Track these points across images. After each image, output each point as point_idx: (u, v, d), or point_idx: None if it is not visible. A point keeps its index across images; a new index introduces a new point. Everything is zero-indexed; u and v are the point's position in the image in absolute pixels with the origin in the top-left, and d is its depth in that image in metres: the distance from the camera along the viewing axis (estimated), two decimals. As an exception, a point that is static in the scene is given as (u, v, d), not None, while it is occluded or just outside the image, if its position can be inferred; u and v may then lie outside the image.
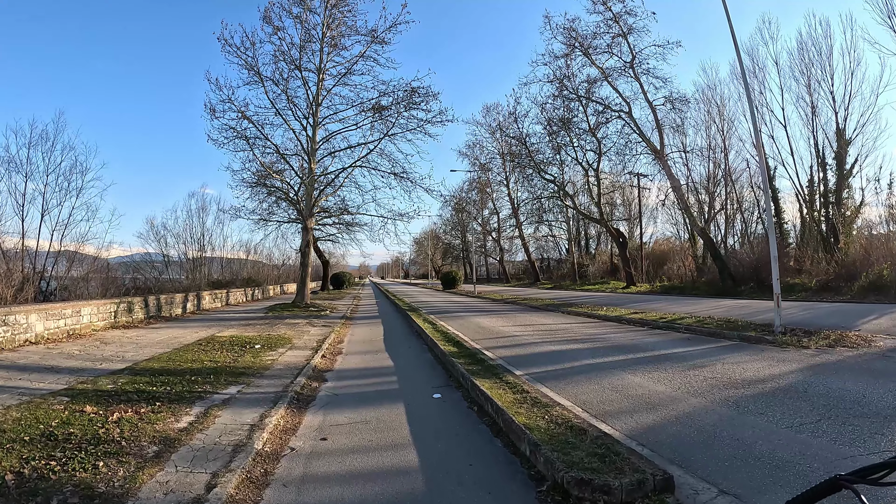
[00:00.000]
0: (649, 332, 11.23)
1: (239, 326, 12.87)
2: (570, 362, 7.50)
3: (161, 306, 16.12)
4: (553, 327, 12.35)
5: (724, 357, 7.76)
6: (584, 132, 35.24)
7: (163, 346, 9.49)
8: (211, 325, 13.45)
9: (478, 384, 5.34)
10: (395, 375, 6.97)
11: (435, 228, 77.67)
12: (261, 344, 9.34)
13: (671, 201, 44.07)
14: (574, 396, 5.40)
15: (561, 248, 61.26)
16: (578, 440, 3.51)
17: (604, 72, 30.86)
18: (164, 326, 13.30)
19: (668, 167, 28.61)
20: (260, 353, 8.35)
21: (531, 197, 45.44)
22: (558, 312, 17.12)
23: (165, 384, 6.04)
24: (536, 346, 9.16)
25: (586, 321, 13.77)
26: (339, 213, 21.02)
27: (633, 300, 21.65)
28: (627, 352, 8.38)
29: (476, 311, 18.13)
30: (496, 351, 8.59)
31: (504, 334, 11.12)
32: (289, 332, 11.56)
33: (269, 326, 12.77)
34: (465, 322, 14.12)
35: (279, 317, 15.44)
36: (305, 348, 8.93)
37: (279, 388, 5.73)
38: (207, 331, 11.92)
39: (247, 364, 7.29)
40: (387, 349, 9.44)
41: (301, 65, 18.61)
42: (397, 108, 18.08)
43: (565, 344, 9.42)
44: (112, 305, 13.47)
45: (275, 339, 10.12)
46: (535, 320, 14.24)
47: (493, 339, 10.22)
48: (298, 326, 12.85)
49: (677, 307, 17.33)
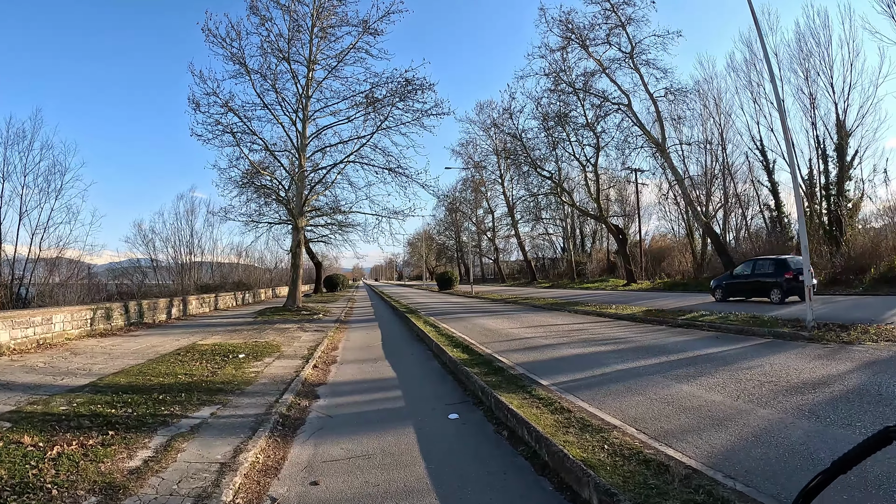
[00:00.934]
0: (670, 330, 10.37)
1: (225, 333, 11.83)
2: (599, 368, 6.58)
3: (143, 312, 15.02)
4: (565, 328, 11.45)
5: (767, 357, 6.93)
6: (582, 127, 34.47)
7: (137, 356, 8.46)
8: (195, 331, 12.40)
9: (504, 401, 4.37)
10: (398, 389, 5.96)
11: (428, 229, 76.72)
12: (245, 353, 8.33)
13: (671, 196, 43.50)
14: (620, 412, 4.47)
15: (556, 247, 60.59)
16: (663, 482, 2.59)
17: (601, 64, 30.09)
18: (145, 334, 12.24)
19: (671, 160, 27.91)
20: (243, 363, 7.36)
21: (527, 194, 44.61)
22: (565, 312, 16.24)
23: (127, 405, 5.06)
24: (554, 350, 8.23)
25: (598, 320, 12.89)
26: (331, 212, 19.98)
27: (638, 298, 20.85)
28: (657, 354, 7.49)
29: (478, 312, 17.19)
30: (511, 356, 7.65)
31: (514, 337, 10.19)
32: (278, 338, 10.54)
33: (256, 332, 11.74)
34: (469, 324, 13.17)
35: (268, 322, 14.39)
36: (295, 357, 7.94)
37: (261, 410, 4.74)
38: (190, 338, 10.89)
39: (226, 378, 6.29)
40: (387, 356, 8.45)
41: (290, 57, 17.61)
42: (391, 99, 17.14)
43: (585, 346, 8.50)
44: (88, 312, 12.38)
45: (262, 346, 9.10)
46: (544, 321, 13.33)
47: (505, 343, 9.28)
48: (289, 332, 11.84)
49: (687, 303, 16.53)
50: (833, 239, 25.20)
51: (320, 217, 20.69)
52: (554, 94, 33.64)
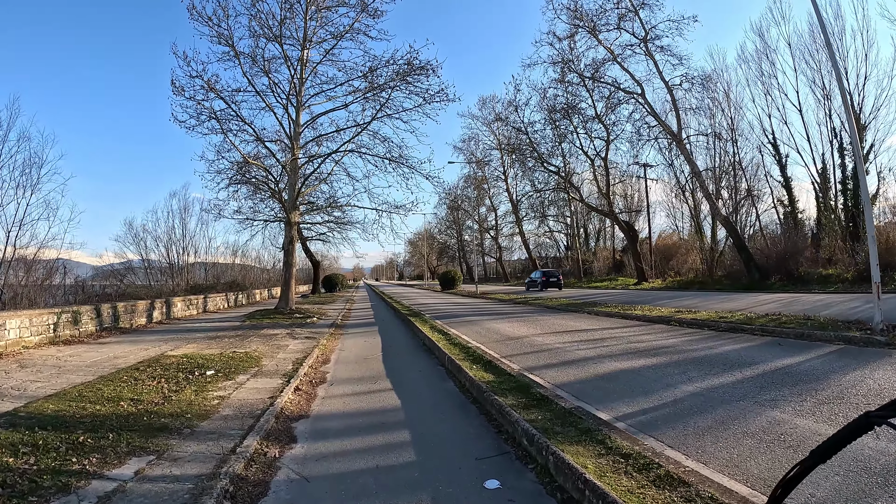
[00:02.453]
0: (717, 336, 8.89)
1: (204, 340, 10.34)
2: (666, 391, 5.07)
3: (118, 316, 13.53)
4: (594, 334, 9.94)
5: (860, 369, 5.57)
6: (591, 119, 32.98)
7: (89, 371, 6.99)
8: (171, 338, 10.92)
9: (570, 462, 2.78)
10: (406, 429, 4.34)
11: (430, 228, 75.31)
12: (217, 368, 6.83)
13: (681, 192, 42.33)
14: (737, 467, 2.95)
15: (559, 246, 59.08)
16: None
17: (612, 52, 28.58)
18: (115, 341, 10.77)
19: (688, 152, 26.37)
20: (209, 384, 5.86)
21: (532, 190, 43.10)
22: (584, 313, 14.74)
23: (33, 451, 3.60)
24: (597, 364, 6.71)
25: (627, 324, 11.40)
26: (327, 206, 18.45)
27: (657, 297, 19.32)
28: (725, 368, 5.99)
29: (488, 315, 15.69)
30: (546, 374, 6.13)
31: (541, 346, 8.67)
32: (261, 347, 9.04)
33: (239, 339, 10.24)
34: (482, 328, 11.66)
35: (256, 326, 12.89)
36: (275, 374, 6.42)
37: (208, 467, 3.23)
38: (161, 347, 9.41)
39: (179, 407, 4.79)
40: (388, 373, 6.89)
41: (282, 39, 16.13)
42: (392, 82, 15.63)
43: (631, 358, 6.99)
44: (51, 317, 10.92)
45: (239, 359, 7.59)
46: (565, 324, 11.83)
47: (532, 355, 7.75)
48: (276, 339, 10.34)
49: (715, 304, 15.07)
50: (853, 235, 24.20)
51: (316, 212, 19.16)
52: (561, 85, 32.17)
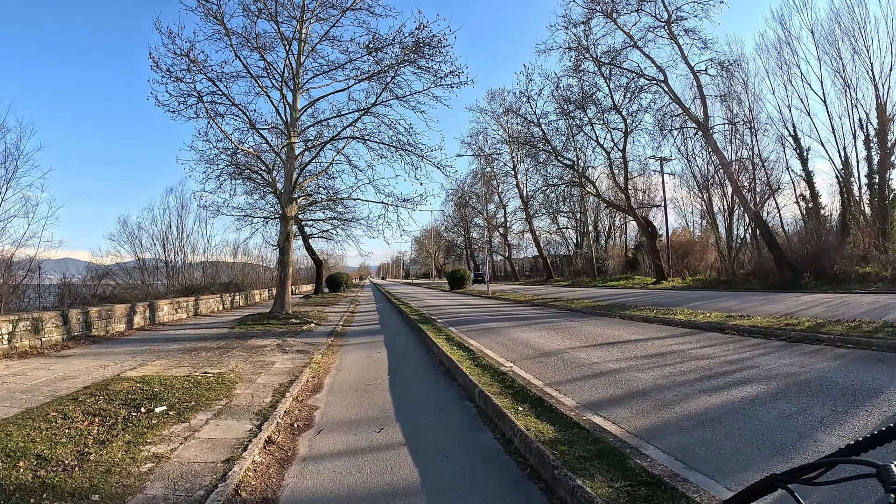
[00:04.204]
0: (789, 347, 7.24)
1: (178, 354, 8.75)
2: (811, 446, 3.40)
3: (90, 322, 11.99)
4: (643, 347, 8.24)
5: None
6: (608, 110, 31.17)
7: (20, 401, 5.42)
8: (143, 350, 9.36)
9: None
10: None
11: (437, 226, 73.67)
12: (173, 400, 5.21)
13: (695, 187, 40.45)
14: None
15: (569, 244, 57.26)
16: None
17: (632, 37, 26.79)
18: (79, 353, 9.23)
19: (714, 141, 24.55)
20: (152, 429, 4.23)
21: (545, 185, 41.30)
22: (615, 318, 13.06)
23: None
24: (676, 397, 5.01)
25: (673, 332, 9.70)
26: (328, 199, 16.83)
27: (687, 298, 17.53)
28: (850, 400, 4.31)
29: (508, 320, 14.01)
30: (620, 416, 4.43)
31: (588, 365, 6.98)
32: (241, 365, 7.41)
33: (219, 354, 8.63)
34: (507, 339, 9.96)
35: (244, 335, 11.27)
36: (247, 412, 4.78)
37: None
38: (125, 363, 7.83)
39: (91, 478, 3.17)
40: (397, 412, 5.10)
41: (278, 16, 14.53)
42: (398, 57, 13.98)
43: (716, 387, 5.29)
44: (5, 325, 9.40)
45: (207, 385, 5.94)
46: (601, 332, 10.15)
47: (585, 381, 6.04)
48: (262, 353, 8.71)
49: (757, 305, 13.39)
50: (882, 233, 22.63)
51: (315, 205, 17.54)
52: (576, 74, 30.39)
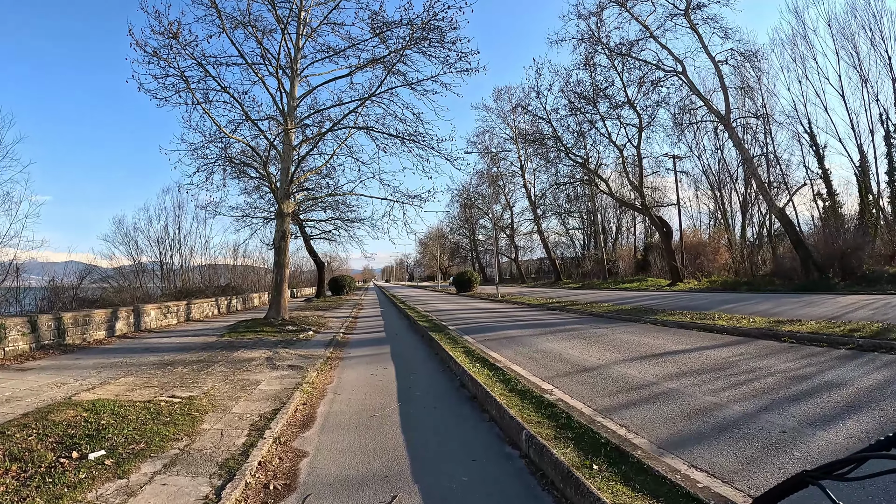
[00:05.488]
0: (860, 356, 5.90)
1: (149, 370, 7.50)
2: None
3: (64, 329, 10.79)
4: (696, 358, 6.92)
5: None
6: (621, 105, 29.84)
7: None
8: (113, 363, 8.12)
9: None
10: None
11: (441, 227, 72.44)
12: (115, 443, 3.95)
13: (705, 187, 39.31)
14: None
15: (576, 245, 55.88)
16: None
17: (647, 27, 25.51)
18: (43, 366, 8.02)
19: (737, 135, 23.18)
20: (69, 494, 2.99)
21: (554, 185, 39.97)
22: (644, 323, 11.74)
23: None
24: (795, 439, 3.72)
25: (722, 341, 8.36)
26: (328, 195, 15.59)
27: (714, 301, 16.13)
28: None
29: (527, 326, 12.68)
30: (719, 464, 3.15)
31: (643, 385, 5.67)
32: (219, 386, 6.15)
33: (197, 370, 7.37)
34: (535, 351, 8.59)
35: (232, 345, 10.00)
36: (208, 462, 3.52)
37: None
38: (85, 381, 6.60)
39: None
40: (413, 467, 3.60)
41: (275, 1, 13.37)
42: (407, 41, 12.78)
43: (837, 421, 4.00)
44: (-39, 335, 8.22)
45: (166, 417, 4.68)
46: (638, 341, 8.84)
47: (651, 408, 4.73)
48: (248, 368, 7.44)
49: (795, 308, 12.10)
50: None
51: (316, 203, 16.32)
52: (587, 68, 29.12)
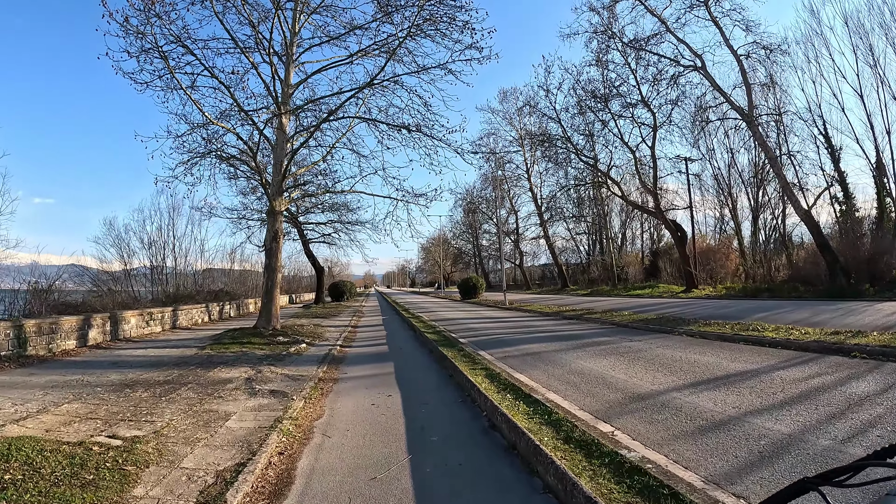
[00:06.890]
0: None
1: (103, 392, 6.19)
2: None
3: (25, 339, 9.50)
4: (771, 382, 5.58)
5: None
6: (635, 104, 28.63)
7: None
8: (64, 384, 6.81)
9: None
10: None
11: (444, 233, 71.17)
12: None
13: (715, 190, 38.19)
14: None
15: (581, 250, 54.44)
16: None
17: (664, 20, 24.37)
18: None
19: (760, 133, 21.90)
20: None
21: (559, 188, 38.70)
22: (679, 335, 10.41)
23: None
24: None
25: (780, 356, 7.02)
26: (325, 191, 14.34)
27: (739, 309, 14.73)
28: None
29: (548, 339, 11.31)
30: None
31: (726, 422, 4.33)
32: (177, 420, 4.85)
33: (159, 395, 6.05)
34: (568, 372, 7.22)
35: (210, 360, 8.65)
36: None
37: None
38: (21, 407, 5.30)
39: None
40: None
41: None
42: (409, 29, 11.59)
43: None
44: None
45: (89, 474, 3.34)
46: (684, 357, 7.51)
47: (765, 470, 3.47)
48: (220, 394, 6.12)
49: (834, 317, 10.89)
50: None
51: (312, 201, 15.07)
52: (599, 65, 27.97)
